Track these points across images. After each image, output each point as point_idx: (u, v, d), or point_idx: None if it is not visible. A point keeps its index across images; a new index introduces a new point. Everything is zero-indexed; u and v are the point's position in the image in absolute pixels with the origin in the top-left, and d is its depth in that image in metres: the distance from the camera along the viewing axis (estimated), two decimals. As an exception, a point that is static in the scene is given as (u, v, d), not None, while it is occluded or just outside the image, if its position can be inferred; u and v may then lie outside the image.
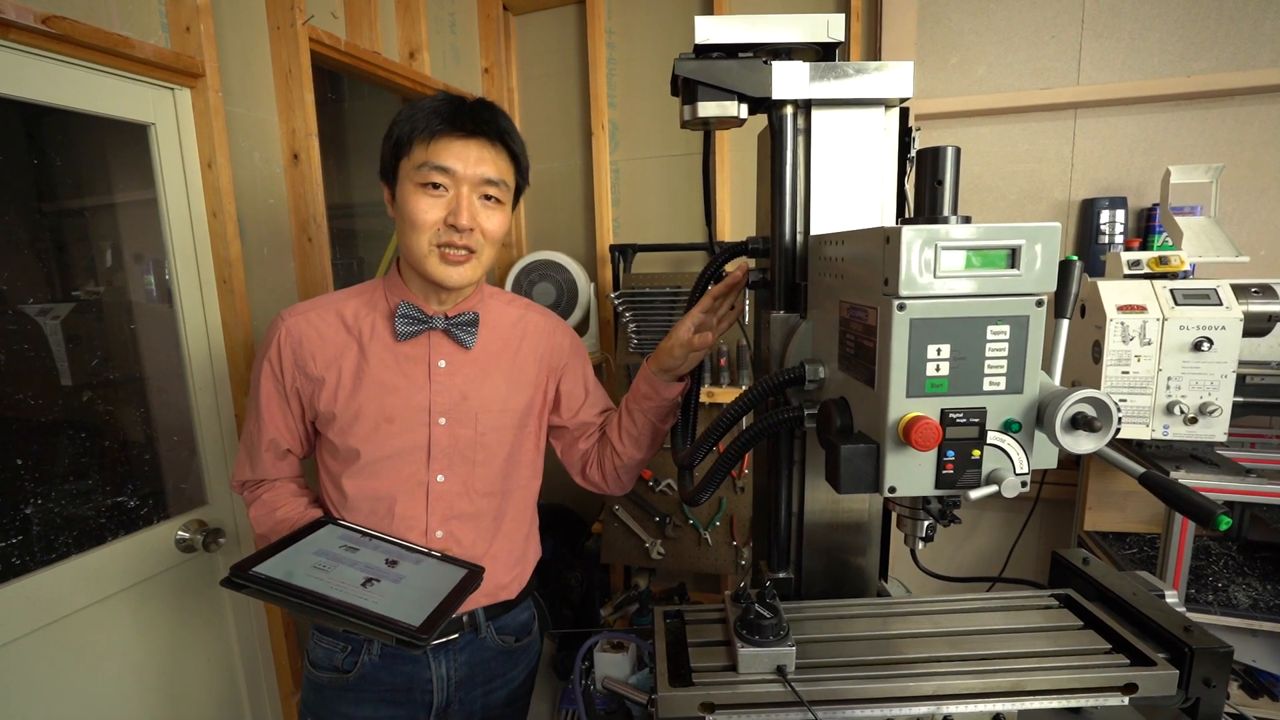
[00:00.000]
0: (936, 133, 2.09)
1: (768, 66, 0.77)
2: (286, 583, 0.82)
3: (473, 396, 1.05)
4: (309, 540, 0.94)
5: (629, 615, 2.19)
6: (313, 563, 0.89)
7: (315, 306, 1.05)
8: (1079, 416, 0.57)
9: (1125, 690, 0.67)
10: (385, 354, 1.02)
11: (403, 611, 0.82)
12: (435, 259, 0.97)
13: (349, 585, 0.85)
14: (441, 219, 0.95)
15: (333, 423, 1.01)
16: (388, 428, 1.00)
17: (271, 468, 1.06)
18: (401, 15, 1.97)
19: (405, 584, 0.89)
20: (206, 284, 1.43)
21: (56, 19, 1.09)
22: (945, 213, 0.62)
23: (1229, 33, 1.84)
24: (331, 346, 1.02)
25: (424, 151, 0.94)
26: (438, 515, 1.03)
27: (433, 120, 0.94)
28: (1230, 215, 1.89)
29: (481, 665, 1.09)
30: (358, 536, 0.98)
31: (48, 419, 1.23)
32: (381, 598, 0.84)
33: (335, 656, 1.05)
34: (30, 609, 1.14)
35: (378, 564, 0.92)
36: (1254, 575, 1.69)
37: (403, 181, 0.97)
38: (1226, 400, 1.46)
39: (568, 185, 2.58)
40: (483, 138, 0.97)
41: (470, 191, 0.96)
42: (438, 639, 1.02)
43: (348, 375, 1.01)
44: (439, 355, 1.04)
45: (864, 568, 0.92)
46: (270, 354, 1.02)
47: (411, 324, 1.01)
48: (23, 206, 1.23)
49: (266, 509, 1.04)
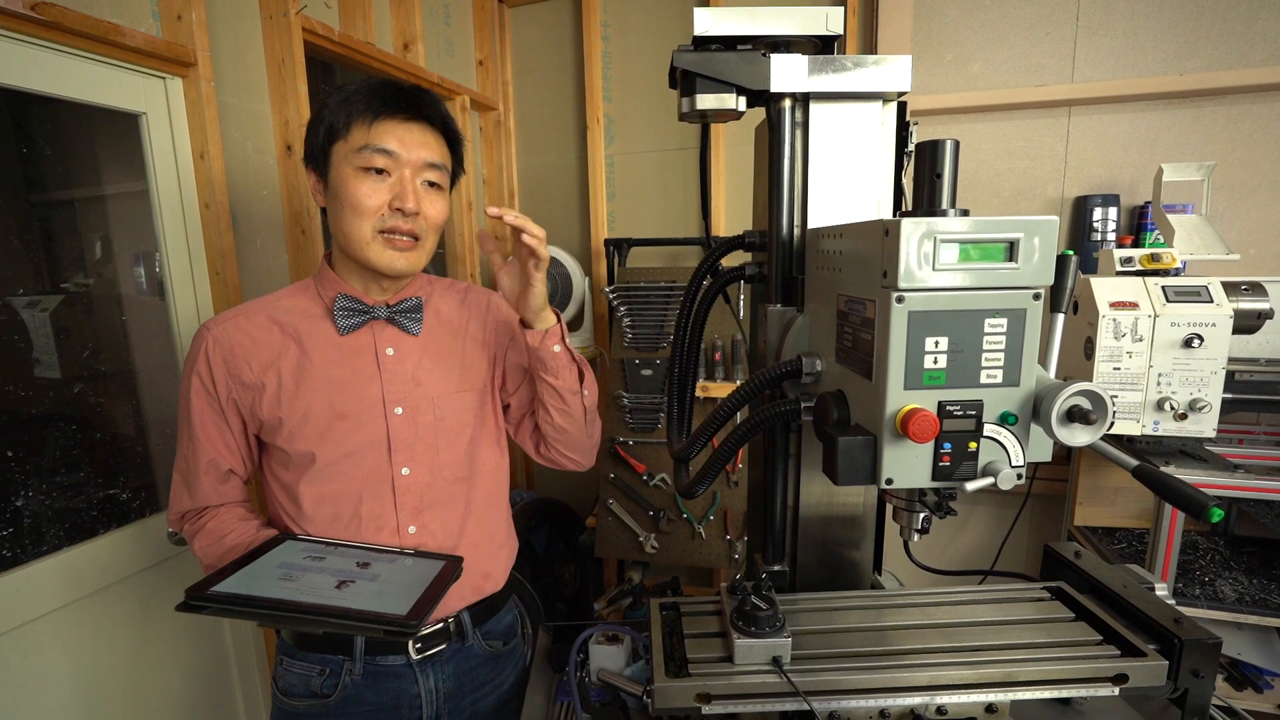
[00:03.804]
0: (931, 129, 2.10)
1: (766, 59, 0.77)
2: (251, 595, 0.77)
3: (426, 381, 1.00)
4: (269, 556, 0.87)
5: (623, 609, 2.20)
6: (278, 575, 0.82)
7: (242, 312, 0.98)
8: (1075, 409, 0.57)
9: (1115, 681, 0.68)
10: (329, 349, 0.96)
11: (386, 605, 0.78)
12: (379, 245, 0.92)
13: (322, 590, 0.80)
14: (385, 203, 0.91)
15: (280, 428, 0.94)
16: (341, 425, 0.95)
17: (213, 492, 0.97)
18: (395, 6, 1.96)
19: (383, 581, 0.84)
20: (199, 275, 1.42)
21: (46, 5, 1.07)
22: (943, 206, 0.63)
23: (1222, 32, 1.85)
24: (266, 349, 0.95)
25: (365, 134, 0.90)
26: (408, 510, 0.98)
27: (374, 102, 0.90)
28: (1221, 213, 1.90)
29: (469, 674, 1.05)
30: (321, 547, 0.92)
31: (37, 411, 1.22)
32: (360, 596, 0.79)
33: (312, 681, 0.98)
34: (21, 602, 1.13)
35: (349, 567, 0.87)
36: (1240, 569, 1.71)
37: (339, 166, 0.92)
38: (1216, 397, 1.48)
39: (563, 179, 2.57)
40: (424, 121, 0.94)
41: (413, 175, 0.93)
42: (428, 629, 0.98)
43: (289, 376, 0.94)
44: (385, 344, 0.99)
45: (858, 561, 0.92)
46: (198, 367, 0.94)
47: (353, 316, 0.96)
48: (11, 197, 1.21)
49: (212, 538, 0.94)
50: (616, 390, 2.24)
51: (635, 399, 2.21)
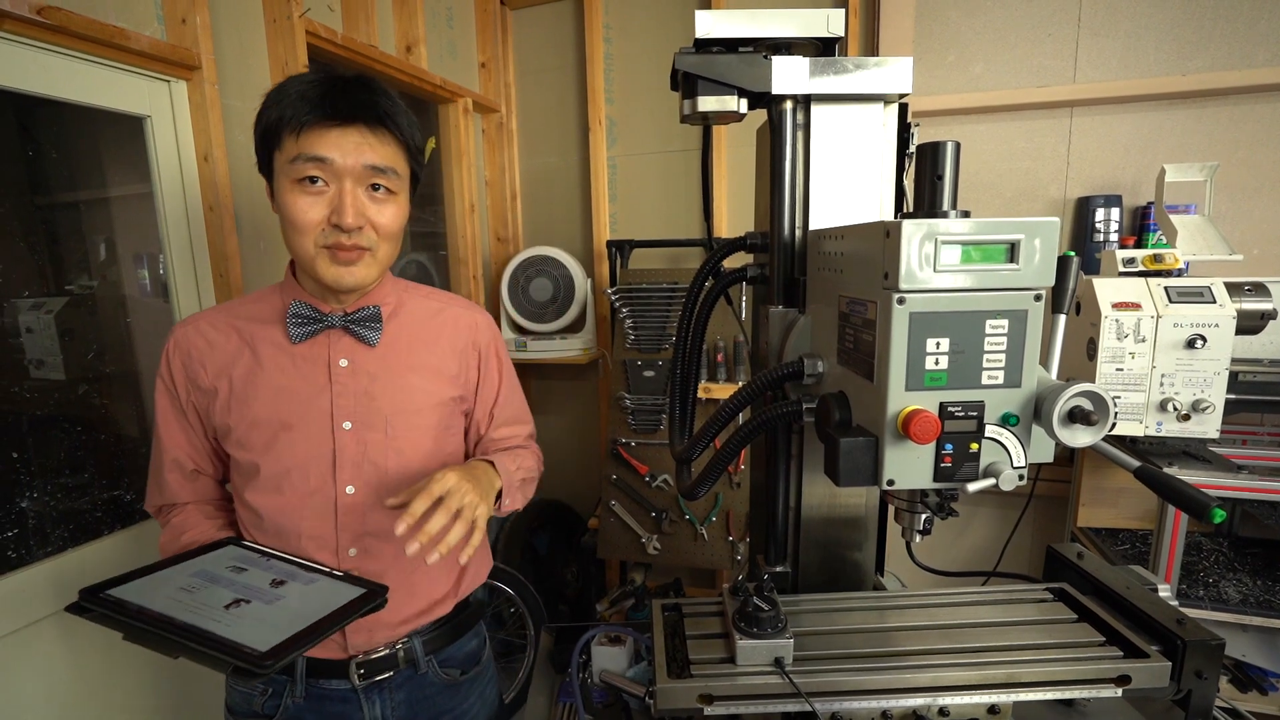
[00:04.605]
0: (933, 130, 2.10)
1: (768, 61, 0.77)
2: (132, 605, 0.73)
3: (380, 397, 0.94)
4: (198, 560, 0.85)
5: (625, 610, 2.20)
6: (182, 584, 0.79)
7: (206, 315, 0.95)
8: (1076, 410, 0.57)
9: (1118, 682, 0.68)
10: (280, 357, 0.92)
11: (255, 636, 0.71)
12: (325, 260, 0.87)
13: (208, 608, 0.75)
14: (325, 218, 0.84)
15: (229, 435, 0.91)
16: (286, 436, 0.90)
17: (180, 490, 0.96)
18: (398, 9, 1.97)
19: (278, 606, 0.78)
20: (203, 278, 1.43)
21: (52, 10, 1.08)
22: (945, 207, 0.63)
23: (1225, 32, 1.85)
24: (221, 354, 0.92)
25: (294, 143, 0.82)
26: (349, 532, 0.92)
27: (300, 107, 0.82)
28: (1224, 214, 1.90)
29: (424, 702, 0.99)
30: (255, 557, 0.88)
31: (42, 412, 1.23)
32: (238, 621, 0.74)
33: (254, 700, 0.94)
34: (26, 602, 1.13)
35: (260, 585, 0.81)
36: (1244, 571, 1.71)
37: (278, 176, 0.86)
38: (1219, 397, 1.48)
39: (565, 181, 2.57)
40: (361, 123, 0.84)
41: (354, 184, 0.85)
42: (375, 654, 0.94)
43: (240, 383, 0.91)
44: (339, 354, 0.93)
45: (860, 562, 0.92)
46: (161, 369, 0.93)
47: (305, 324, 0.91)
48: (17, 199, 1.22)
49: (173, 534, 0.93)
50: (618, 392, 2.24)
51: (637, 400, 2.21)
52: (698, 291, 0.99)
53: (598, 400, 2.62)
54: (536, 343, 2.41)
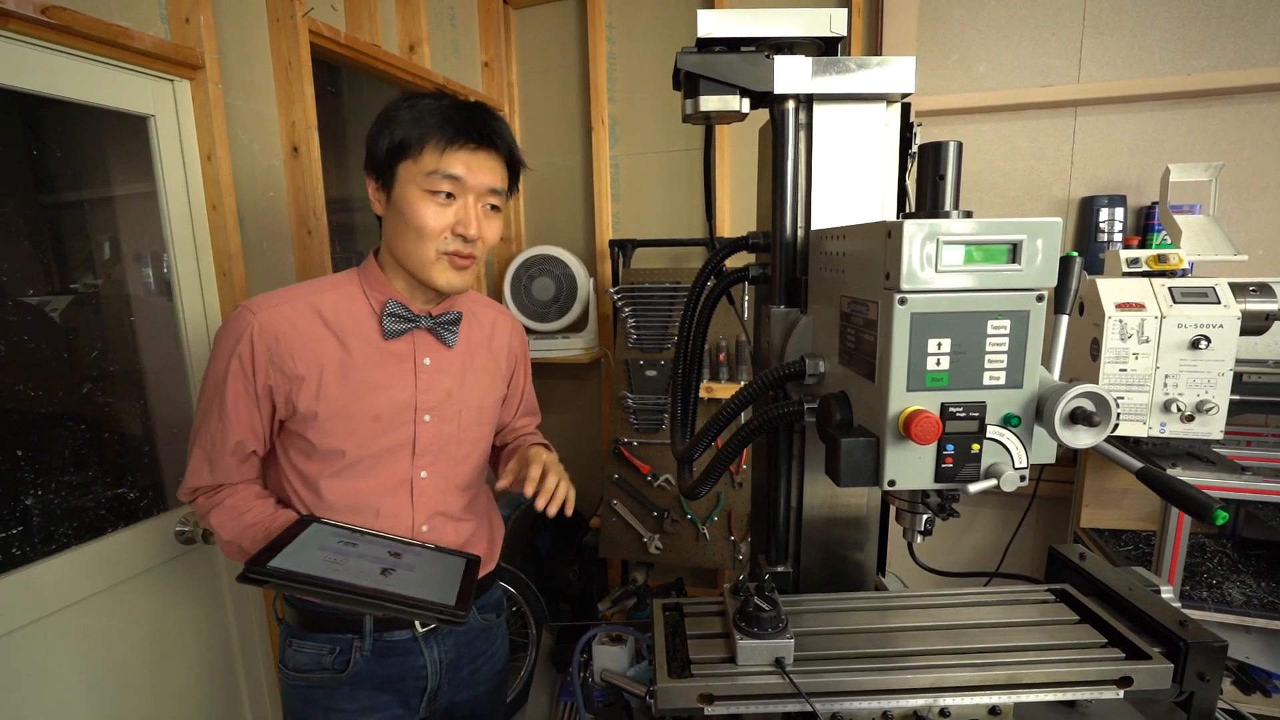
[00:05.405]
0: (937, 129, 2.09)
1: (770, 61, 0.77)
2: (311, 575, 0.82)
3: (456, 393, 1.07)
4: (305, 537, 0.91)
5: (626, 610, 2.20)
6: (322, 557, 0.87)
7: (286, 300, 0.99)
8: (1078, 411, 0.57)
9: (1120, 683, 0.68)
10: (370, 351, 1.00)
11: (433, 593, 0.87)
12: (442, 265, 0.98)
13: (369, 574, 0.87)
14: (449, 227, 0.96)
15: (313, 421, 0.97)
16: (374, 426, 0.99)
17: (234, 471, 1.00)
18: (401, 8, 1.97)
19: (420, 571, 0.93)
20: (206, 277, 1.43)
21: (56, 9, 1.08)
22: (947, 208, 0.63)
23: (1230, 31, 1.84)
24: (311, 343, 0.97)
25: (436, 160, 0.93)
26: (423, 512, 1.05)
27: (448, 128, 0.93)
28: (1229, 214, 1.89)
29: (467, 645, 1.14)
30: (348, 533, 0.97)
31: (46, 410, 1.23)
32: (406, 584, 0.87)
33: (323, 659, 1.03)
34: (30, 599, 1.14)
35: (384, 556, 0.93)
36: (1248, 572, 1.70)
37: (405, 184, 0.95)
38: (1223, 398, 1.47)
39: (567, 180, 2.57)
40: (492, 149, 0.97)
41: (476, 201, 0.97)
42: None
43: (330, 373, 0.97)
44: (424, 353, 1.04)
45: (862, 562, 0.92)
46: (240, 349, 0.94)
47: (400, 322, 1.01)
48: (22, 198, 1.22)
49: (232, 514, 0.98)
50: (621, 391, 2.24)
51: (639, 400, 2.21)
52: (700, 291, 0.99)
53: (600, 399, 2.62)
54: (539, 342, 2.41)
